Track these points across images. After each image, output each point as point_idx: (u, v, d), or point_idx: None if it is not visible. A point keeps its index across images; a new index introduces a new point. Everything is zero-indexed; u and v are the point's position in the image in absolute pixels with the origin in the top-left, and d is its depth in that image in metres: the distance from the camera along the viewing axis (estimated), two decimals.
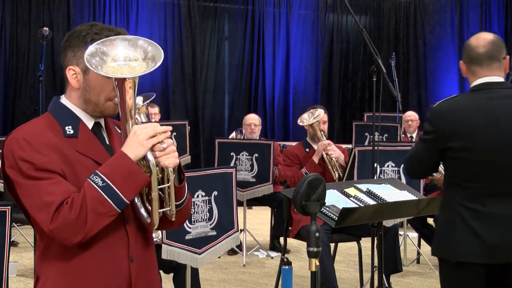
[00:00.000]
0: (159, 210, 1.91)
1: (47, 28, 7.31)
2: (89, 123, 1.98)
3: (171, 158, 1.86)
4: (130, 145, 1.84)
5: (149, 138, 1.84)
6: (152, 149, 1.85)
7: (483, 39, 2.80)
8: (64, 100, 2.00)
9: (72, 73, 1.95)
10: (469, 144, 2.68)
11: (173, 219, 1.95)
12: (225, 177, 3.87)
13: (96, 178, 1.82)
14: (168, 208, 1.92)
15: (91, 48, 1.84)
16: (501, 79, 2.78)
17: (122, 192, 1.82)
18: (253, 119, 7.09)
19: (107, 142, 2.02)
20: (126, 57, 1.86)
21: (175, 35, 10.27)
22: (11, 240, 5.11)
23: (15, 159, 1.85)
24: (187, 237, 3.65)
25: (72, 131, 1.93)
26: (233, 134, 7.82)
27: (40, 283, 1.95)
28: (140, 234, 1.99)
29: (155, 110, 7.55)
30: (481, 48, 2.78)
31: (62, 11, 9.36)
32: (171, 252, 3.59)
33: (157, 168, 1.85)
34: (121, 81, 1.85)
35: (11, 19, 9.07)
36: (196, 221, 3.69)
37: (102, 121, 2.03)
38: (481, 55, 2.77)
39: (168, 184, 1.89)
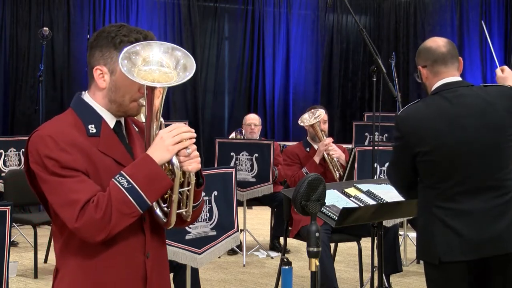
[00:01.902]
0: (177, 211, 1.96)
1: (47, 28, 7.33)
2: (111, 122, 2.02)
3: (194, 163, 1.91)
4: (156, 150, 1.88)
5: (175, 144, 1.88)
6: (177, 153, 1.89)
7: (440, 41, 2.90)
8: (87, 97, 2.02)
9: (99, 73, 1.98)
10: (435, 146, 2.73)
11: (189, 220, 2.02)
12: (225, 177, 3.86)
13: (122, 179, 1.86)
14: (185, 210, 1.98)
15: (128, 50, 1.86)
16: (459, 79, 2.86)
17: (146, 194, 1.87)
18: (253, 119, 7.09)
19: (127, 142, 2.05)
20: (159, 61, 1.88)
21: (175, 35, 10.26)
22: (11, 240, 5.11)
23: (41, 156, 1.88)
24: (187, 237, 3.65)
25: (94, 130, 1.96)
26: (233, 134, 7.82)
27: (59, 276, 2.01)
28: (155, 232, 2.04)
29: None
30: (443, 48, 2.86)
31: (62, 11, 9.35)
32: (171, 252, 3.59)
33: (180, 172, 1.89)
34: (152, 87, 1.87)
35: (11, 19, 9.05)
36: (196, 221, 3.69)
37: (122, 120, 2.07)
38: (445, 54, 2.85)
39: (188, 188, 1.94)
